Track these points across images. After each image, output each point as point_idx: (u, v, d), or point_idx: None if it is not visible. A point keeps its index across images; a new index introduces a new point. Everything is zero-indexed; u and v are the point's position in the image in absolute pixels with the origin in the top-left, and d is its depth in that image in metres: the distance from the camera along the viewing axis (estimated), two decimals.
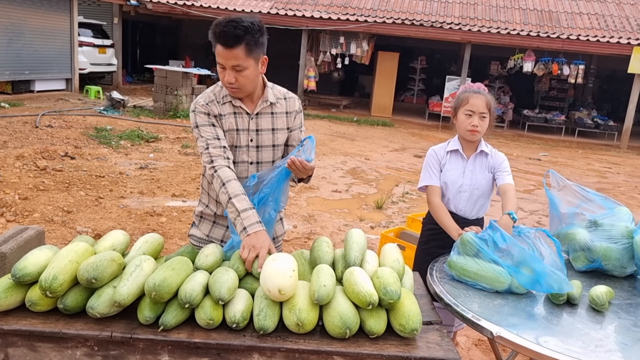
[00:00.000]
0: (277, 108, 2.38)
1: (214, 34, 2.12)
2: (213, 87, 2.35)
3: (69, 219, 5.23)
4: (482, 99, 2.70)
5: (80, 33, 15.06)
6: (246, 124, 2.32)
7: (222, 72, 2.18)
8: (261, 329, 1.72)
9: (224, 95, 2.29)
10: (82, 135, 9.12)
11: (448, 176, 2.79)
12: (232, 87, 2.21)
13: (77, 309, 1.76)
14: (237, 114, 2.30)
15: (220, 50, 2.13)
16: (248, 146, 2.33)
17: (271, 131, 2.36)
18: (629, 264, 2.43)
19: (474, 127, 2.69)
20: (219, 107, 2.29)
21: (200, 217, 2.49)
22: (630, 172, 11.74)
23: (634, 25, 16.30)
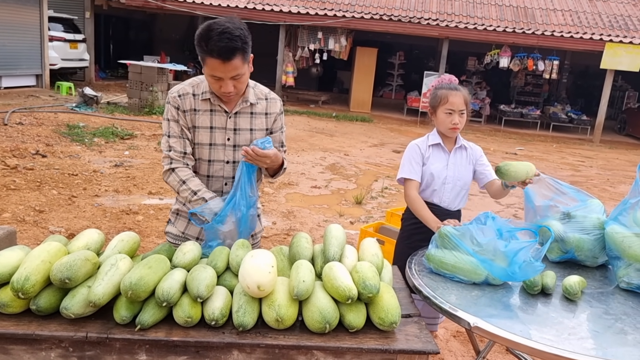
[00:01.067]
0: (257, 108, 2.36)
1: (207, 49, 2.04)
2: (192, 79, 2.31)
3: (41, 218, 5.13)
4: (460, 96, 2.75)
5: (51, 27, 14.74)
6: (223, 123, 2.30)
7: (216, 82, 2.13)
8: (240, 326, 1.71)
9: (204, 92, 2.26)
10: (53, 132, 8.95)
11: (433, 168, 2.83)
12: (230, 96, 2.19)
13: (51, 310, 1.73)
14: (214, 112, 2.28)
15: (216, 65, 2.06)
16: (225, 145, 2.32)
17: (249, 131, 2.34)
18: (600, 254, 2.49)
19: (455, 125, 2.76)
20: (194, 102, 2.26)
21: (176, 214, 2.47)
22: (603, 165, 11.98)
23: (606, 22, 16.61)
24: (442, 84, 2.84)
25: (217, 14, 16.15)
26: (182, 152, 2.26)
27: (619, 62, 15.06)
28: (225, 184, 2.37)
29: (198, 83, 2.29)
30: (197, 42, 2.07)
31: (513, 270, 2.11)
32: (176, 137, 2.25)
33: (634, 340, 1.85)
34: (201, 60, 2.12)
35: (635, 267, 2.23)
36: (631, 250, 2.24)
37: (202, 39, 2.05)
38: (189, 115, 2.26)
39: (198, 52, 2.09)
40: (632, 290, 2.26)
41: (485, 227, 2.27)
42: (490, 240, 2.18)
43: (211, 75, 2.12)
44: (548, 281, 2.18)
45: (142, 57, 17.13)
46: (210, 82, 2.17)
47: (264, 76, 19.90)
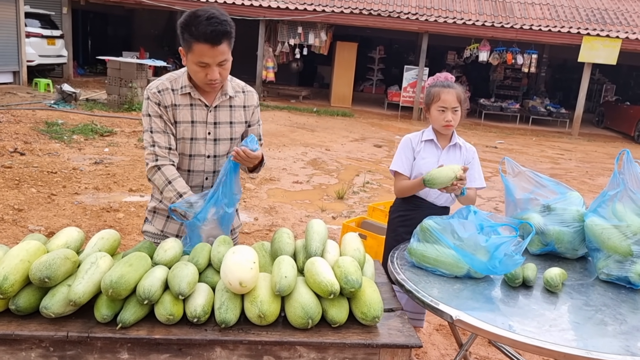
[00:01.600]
0: (236, 101, 2.37)
1: (197, 33, 2.03)
2: (169, 75, 2.29)
3: (20, 217, 5.05)
4: (453, 93, 2.77)
5: (27, 23, 14.46)
6: (204, 117, 2.28)
7: (202, 70, 2.11)
8: (223, 323, 1.70)
9: (183, 86, 2.24)
10: (32, 130, 8.80)
11: (422, 164, 2.86)
12: (215, 84, 2.18)
13: (31, 309, 1.70)
14: (195, 106, 2.26)
15: (205, 50, 2.05)
16: (205, 139, 2.30)
17: (229, 124, 2.34)
18: (580, 247, 2.52)
19: (448, 122, 2.79)
20: (174, 97, 2.24)
21: (153, 212, 2.45)
22: (581, 158, 12.16)
23: (584, 16, 16.83)
24: (436, 82, 2.87)
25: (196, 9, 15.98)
26: (167, 148, 2.22)
27: (596, 55, 15.28)
28: (205, 178, 2.36)
29: (176, 78, 2.27)
30: (184, 28, 2.06)
31: (493, 264, 2.12)
32: (160, 132, 2.21)
33: (613, 331, 1.88)
34: (186, 48, 2.11)
35: (614, 258, 2.27)
36: (610, 242, 2.27)
37: (189, 24, 2.05)
38: (170, 111, 2.24)
39: (184, 38, 2.08)
40: (611, 281, 2.30)
41: (466, 222, 2.28)
42: (471, 235, 2.20)
43: (197, 63, 2.10)
44: (529, 274, 2.20)
45: (120, 53, 16.90)
46: (195, 71, 2.15)
47: (244, 71, 19.80)
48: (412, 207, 2.91)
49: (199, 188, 2.37)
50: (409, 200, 2.94)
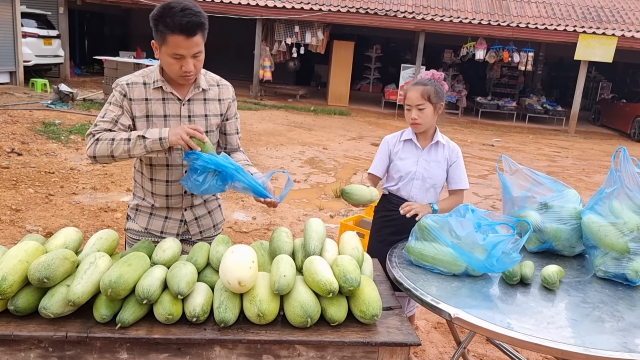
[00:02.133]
0: (210, 95, 2.35)
1: (171, 25, 2.02)
2: (143, 70, 2.28)
3: (18, 217, 5.04)
4: (418, 90, 2.72)
5: (24, 23, 14.42)
6: (177, 110, 2.27)
7: (177, 62, 2.10)
8: (222, 322, 1.71)
9: (156, 80, 2.23)
10: (29, 130, 8.78)
11: (400, 165, 2.84)
12: (190, 76, 2.16)
13: (29, 310, 1.70)
14: (167, 100, 2.25)
15: (180, 41, 2.04)
16: None
17: (204, 117, 2.33)
18: (577, 244, 2.53)
19: (413, 120, 2.75)
20: (146, 91, 2.22)
21: (135, 210, 2.43)
22: (578, 155, 12.19)
23: (580, 14, 16.86)
24: (415, 79, 2.84)
25: None
26: (107, 130, 2.15)
27: (592, 53, 15.30)
28: (185, 171, 2.32)
29: (148, 73, 2.26)
30: (158, 20, 2.05)
31: (491, 262, 2.13)
32: (108, 121, 2.16)
33: (611, 327, 1.89)
34: (160, 41, 2.09)
35: (611, 255, 2.28)
36: (607, 239, 2.28)
37: (163, 16, 2.04)
38: (139, 104, 2.21)
39: (158, 30, 2.06)
40: (608, 278, 2.31)
41: (464, 220, 2.29)
42: (469, 233, 2.20)
43: (172, 55, 2.09)
44: (527, 271, 2.21)
45: (117, 53, 16.86)
46: (169, 64, 2.13)
47: (241, 70, 19.85)
48: (395, 207, 2.82)
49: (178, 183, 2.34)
50: (392, 200, 2.91)
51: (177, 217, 2.41)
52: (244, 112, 13.73)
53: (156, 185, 2.34)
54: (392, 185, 2.90)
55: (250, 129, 11.42)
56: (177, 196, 2.38)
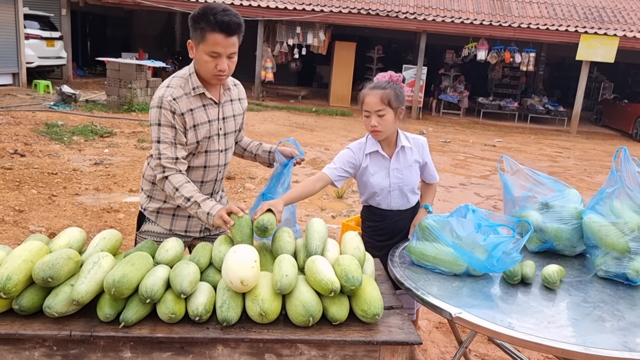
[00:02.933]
0: (233, 95, 2.48)
1: (214, 22, 2.10)
2: (176, 81, 2.28)
3: (21, 218, 5.06)
4: (377, 95, 2.51)
5: (27, 25, 14.45)
6: (216, 114, 2.36)
7: (212, 60, 2.17)
8: (224, 321, 1.72)
9: (194, 87, 2.27)
10: (32, 131, 8.81)
11: (373, 181, 2.65)
12: (223, 75, 2.23)
13: (34, 309, 1.72)
14: (207, 105, 2.32)
15: (219, 39, 2.13)
16: (218, 135, 2.39)
17: (233, 117, 2.46)
18: (578, 244, 2.54)
19: (374, 128, 2.54)
20: (188, 102, 2.26)
21: (157, 212, 2.46)
22: (580, 155, 12.18)
23: (581, 14, 16.84)
24: (371, 83, 2.61)
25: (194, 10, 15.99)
26: (174, 159, 2.23)
27: (594, 53, 15.29)
28: (219, 172, 2.47)
29: (182, 84, 2.27)
30: (200, 18, 2.13)
31: (491, 262, 2.14)
32: (167, 144, 2.22)
33: (611, 327, 1.90)
34: (199, 38, 2.15)
35: (612, 255, 2.28)
36: (608, 239, 2.29)
37: (206, 14, 2.12)
38: (188, 116, 2.25)
39: (199, 28, 2.13)
40: (609, 278, 2.31)
41: (465, 220, 2.29)
42: (470, 234, 2.21)
43: (210, 53, 2.16)
44: (527, 271, 2.22)
45: (120, 54, 16.90)
46: (205, 61, 2.19)
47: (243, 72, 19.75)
48: (379, 218, 2.74)
49: (213, 182, 2.47)
50: (373, 212, 2.76)
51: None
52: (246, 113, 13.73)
53: None
54: (369, 198, 2.76)
55: (252, 129, 11.43)
56: (207, 195, 2.47)
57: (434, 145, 11.41)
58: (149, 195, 2.47)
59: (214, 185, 2.51)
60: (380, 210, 2.73)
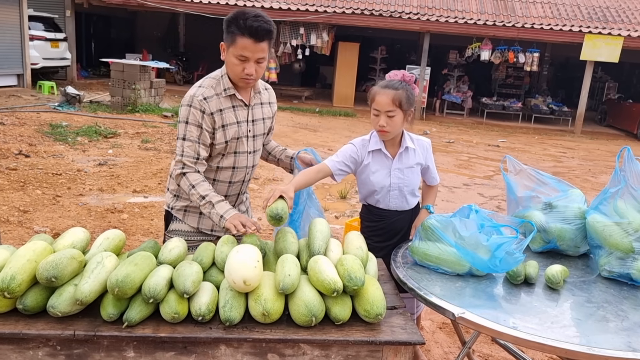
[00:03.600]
0: (263, 98, 2.54)
1: (243, 26, 2.16)
2: (209, 81, 2.35)
3: (26, 218, 5.09)
4: (388, 95, 2.47)
5: (31, 27, 14.52)
6: (245, 116, 2.42)
7: (240, 64, 2.24)
8: (227, 321, 1.72)
9: (227, 88, 2.34)
10: (36, 132, 8.85)
11: (373, 179, 2.63)
12: (250, 79, 2.29)
13: (38, 308, 1.72)
14: (236, 107, 2.39)
15: (247, 44, 2.18)
16: (247, 136, 2.45)
17: (262, 120, 2.53)
18: (582, 244, 2.53)
19: (381, 128, 2.51)
20: (218, 102, 2.32)
21: (184, 211, 2.51)
22: (584, 156, 12.14)
23: (585, 14, 16.79)
24: (382, 81, 2.58)
25: (198, 11, 16.05)
26: (195, 158, 2.29)
27: (598, 53, 15.25)
28: (247, 173, 2.54)
29: (214, 84, 2.35)
30: (231, 22, 2.20)
31: (494, 263, 2.14)
32: (191, 142, 2.29)
33: (615, 327, 1.89)
34: (229, 41, 2.23)
35: (616, 255, 2.28)
36: (612, 239, 2.28)
37: (237, 18, 2.19)
38: (217, 116, 2.32)
39: (230, 31, 2.21)
40: (613, 278, 2.31)
41: (468, 221, 2.29)
42: (473, 234, 2.21)
43: (238, 56, 2.22)
44: (531, 271, 2.21)
45: (124, 55, 16.95)
46: (233, 64, 2.25)
47: None
48: (377, 217, 2.73)
49: (240, 183, 2.54)
50: (372, 211, 2.74)
51: None
52: None
53: (218, 186, 2.46)
54: (368, 196, 2.74)
55: None
56: (234, 195, 2.57)
57: (438, 145, 11.40)
58: (175, 194, 2.52)
59: (241, 186, 2.57)
60: (379, 209, 2.72)
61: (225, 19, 2.23)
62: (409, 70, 13.84)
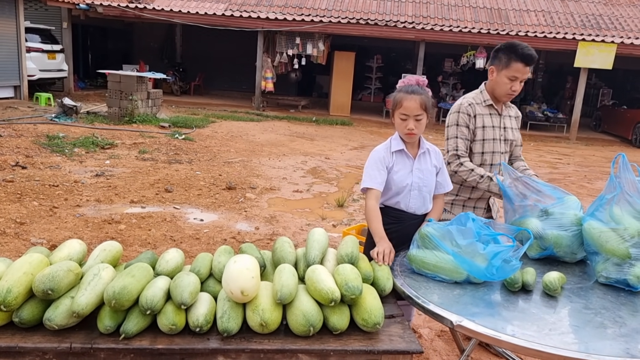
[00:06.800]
0: (511, 112, 3.22)
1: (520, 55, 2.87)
2: (471, 94, 3.14)
3: (23, 230, 5.07)
4: (416, 100, 2.59)
5: (28, 38, 14.54)
6: (498, 122, 3.10)
7: (510, 82, 2.94)
8: (225, 331, 1.72)
9: (485, 100, 3.08)
10: (33, 144, 8.84)
11: (396, 178, 2.70)
12: (513, 94, 2.99)
13: (34, 321, 1.72)
14: (492, 114, 3.09)
15: (520, 67, 2.90)
16: (500, 139, 3.09)
17: (511, 129, 3.16)
18: (579, 250, 2.54)
19: (410, 131, 2.62)
20: (479, 108, 3.05)
21: (451, 203, 3.20)
22: (580, 162, 12.18)
23: (578, 21, 16.91)
24: (403, 87, 2.69)
25: (195, 22, 16.11)
26: (465, 151, 3.01)
27: (592, 60, 15.32)
28: (498, 170, 3.04)
29: (475, 96, 3.10)
30: (507, 50, 2.93)
31: (491, 271, 2.14)
32: (462, 139, 3.01)
33: (613, 333, 1.89)
34: (501, 65, 2.95)
35: (613, 261, 2.28)
36: (608, 245, 2.28)
37: (513, 48, 2.92)
38: (478, 118, 3.03)
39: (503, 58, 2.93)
40: (610, 284, 2.31)
41: (465, 229, 2.30)
42: (470, 242, 2.21)
43: (510, 77, 2.92)
44: (528, 278, 2.21)
45: (121, 67, 17.00)
46: (504, 83, 2.96)
47: (243, 82, 19.96)
48: (393, 220, 2.74)
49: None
50: (389, 213, 2.76)
51: (481, 206, 3.20)
52: (247, 124, 13.79)
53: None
54: (388, 198, 2.78)
55: (252, 139, 11.46)
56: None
57: None
58: None
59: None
60: (397, 211, 2.77)
61: (497, 48, 2.97)
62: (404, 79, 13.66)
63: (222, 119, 14.13)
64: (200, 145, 10.17)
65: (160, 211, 5.98)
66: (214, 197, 6.72)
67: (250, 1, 17.50)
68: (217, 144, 10.58)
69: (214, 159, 9.06)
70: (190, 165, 8.41)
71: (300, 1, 17.55)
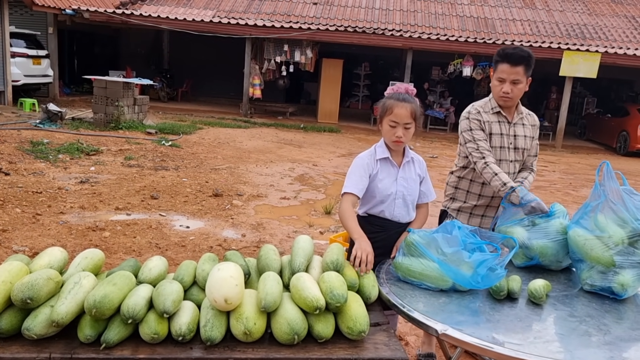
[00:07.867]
0: (526, 120, 3.13)
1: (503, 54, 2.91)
2: (478, 102, 3.15)
3: (4, 237, 4.99)
4: (407, 108, 2.58)
5: (13, 43, 14.40)
6: (506, 130, 3.05)
7: (499, 84, 2.96)
8: (208, 340, 1.70)
9: (492, 107, 3.05)
10: (16, 150, 8.73)
11: (380, 186, 2.68)
12: (507, 98, 2.96)
13: (13, 331, 1.68)
14: (501, 122, 3.04)
15: (505, 68, 2.90)
16: (508, 147, 3.04)
17: (523, 137, 3.09)
18: (564, 259, 2.55)
19: (398, 139, 2.61)
20: (486, 116, 3.04)
21: (457, 211, 3.16)
22: (565, 169, 12.30)
23: (564, 31, 17.13)
24: (393, 93, 2.68)
25: (182, 28, 16.07)
26: (488, 150, 2.95)
27: (576, 69, 15.51)
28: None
29: (483, 104, 3.11)
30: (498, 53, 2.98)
31: (476, 279, 2.14)
32: (482, 140, 2.97)
33: (598, 341, 1.90)
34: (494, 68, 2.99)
35: (597, 269, 2.29)
36: (593, 252, 2.29)
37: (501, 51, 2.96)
38: (486, 125, 3.01)
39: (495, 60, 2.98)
40: (595, 292, 2.32)
41: (450, 237, 2.29)
42: (455, 251, 2.21)
43: (498, 79, 2.97)
44: (514, 286, 2.22)
45: (107, 72, 16.87)
46: (494, 85, 3.01)
47: (231, 89, 19.93)
48: (378, 229, 2.72)
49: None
50: (374, 222, 2.75)
51: (490, 215, 3.12)
52: (234, 130, 13.75)
53: (485, 187, 3.05)
54: (373, 207, 2.76)
55: (240, 146, 11.43)
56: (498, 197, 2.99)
57: None
58: (451, 197, 3.22)
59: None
60: (382, 219, 2.74)
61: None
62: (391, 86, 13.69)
63: (209, 126, 14.08)
64: (187, 152, 10.12)
65: (146, 218, 5.92)
66: (201, 204, 6.67)
67: (238, 8, 17.50)
68: (204, 150, 10.53)
69: (200, 165, 9.01)
70: (177, 172, 8.35)
71: (288, 8, 17.59)
